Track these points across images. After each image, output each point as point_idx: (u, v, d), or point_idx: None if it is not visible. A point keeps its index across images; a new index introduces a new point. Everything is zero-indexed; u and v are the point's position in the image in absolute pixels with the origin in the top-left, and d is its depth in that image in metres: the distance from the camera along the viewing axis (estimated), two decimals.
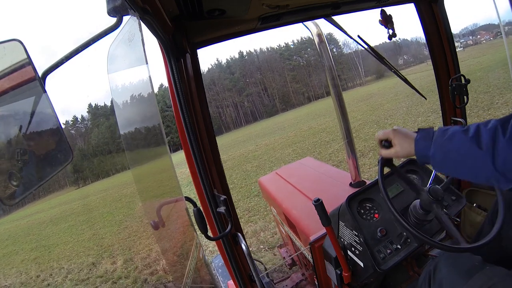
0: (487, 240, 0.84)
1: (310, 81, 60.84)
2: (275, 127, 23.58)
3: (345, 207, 1.12)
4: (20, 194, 0.48)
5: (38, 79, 0.52)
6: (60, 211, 17.66)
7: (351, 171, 1.85)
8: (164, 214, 0.80)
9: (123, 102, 0.87)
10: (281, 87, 60.06)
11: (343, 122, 1.78)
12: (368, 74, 58.49)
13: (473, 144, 0.65)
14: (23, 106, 0.52)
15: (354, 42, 1.34)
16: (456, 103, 1.41)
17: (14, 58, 0.51)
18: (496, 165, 0.62)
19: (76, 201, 19.62)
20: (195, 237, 1.11)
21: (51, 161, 0.55)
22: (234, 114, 57.72)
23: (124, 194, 15.39)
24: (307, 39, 61.17)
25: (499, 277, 0.77)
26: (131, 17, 0.65)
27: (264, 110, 58.59)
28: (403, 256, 1.03)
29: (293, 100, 59.66)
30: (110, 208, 12.65)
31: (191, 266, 1.01)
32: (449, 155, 0.70)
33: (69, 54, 0.58)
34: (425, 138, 0.75)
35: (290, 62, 60.86)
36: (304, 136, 12.69)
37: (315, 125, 15.16)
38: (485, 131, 0.65)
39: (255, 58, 61.56)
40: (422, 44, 59.77)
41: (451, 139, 0.69)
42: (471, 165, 0.67)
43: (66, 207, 18.63)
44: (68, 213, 15.45)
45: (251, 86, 59.71)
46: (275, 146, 12.79)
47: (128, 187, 16.71)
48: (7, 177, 0.46)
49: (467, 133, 0.67)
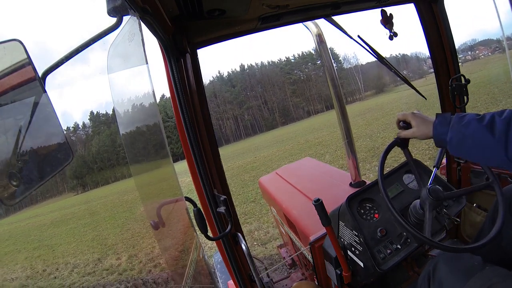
0: (487, 240, 0.84)
1: (310, 96, 61.23)
2: (274, 140, 24.50)
3: (345, 207, 1.12)
4: (20, 194, 0.48)
5: (38, 79, 0.52)
6: (60, 215, 17.68)
7: (351, 171, 1.85)
8: (164, 214, 0.80)
9: (123, 102, 0.87)
10: (281, 101, 60.51)
11: (343, 122, 1.78)
12: (368, 89, 58.98)
13: (487, 132, 0.69)
14: (23, 106, 0.52)
15: (354, 57, 1.35)
16: (456, 103, 1.41)
17: (14, 58, 0.51)
18: (508, 152, 0.66)
19: (76, 206, 19.64)
20: (195, 237, 1.11)
21: (51, 161, 0.55)
22: (234, 126, 57.90)
23: (125, 200, 15.48)
24: (308, 53, 61.73)
25: (499, 278, 0.77)
26: (131, 17, 0.65)
27: (264, 123, 58.94)
28: (403, 256, 1.03)
29: (293, 114, 60.14)
30: (111, 213, 12.74)
31: (191, 266, 1.01)
32: (465, 141, 0.74)
33: (69, 54, 0.58)
34: (442, 123, 0.80)
35: (290, 76, 61.19)
36: (300, 149, 13.54)
37: (312, 139, 15.99)
38: (499, 121, 0.69)
39: (256, 71, 61.91)
40: (422, 59, 60.30)
41: (467, 126, 0.73)
42: (484, 151, 0.72)
43: (66, 211, 18.66)
44: (69, 217, 15.49)
45: (251, 99, 60.13)
46: (273, 158, 13.45)
47: (129, 194, 16.84)
48: (7, 177, 0.46)
49: (482, 121, 0.71)
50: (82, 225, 11.90)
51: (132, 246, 6.74)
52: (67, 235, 10.86)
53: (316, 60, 61.18)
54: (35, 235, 12.62)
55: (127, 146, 0.85)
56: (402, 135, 0.95)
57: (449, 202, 1.13)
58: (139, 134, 0.88)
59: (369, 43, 1.34)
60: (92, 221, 12.04)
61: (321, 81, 59.95)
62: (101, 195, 25.17)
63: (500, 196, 0.91)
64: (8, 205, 0.46)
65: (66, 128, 54.23)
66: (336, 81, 1.75)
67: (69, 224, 13.07)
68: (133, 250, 6.40)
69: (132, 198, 14.88)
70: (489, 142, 0.69)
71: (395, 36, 1.30)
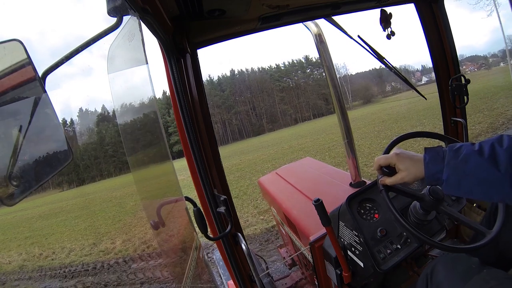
0: (486, 241, 0.83)
1: (298, 103, 61.48)
2: (260, 145, 25.77)
3: (345, 207, 1.12)
4: (20, 194, 0.48)
5: (38, 79, 0.52)
6: (48, 209, 17.72)
7: (351, 171, 1.85)
8: (164, 214, 0.80)
9: (123, 102, 0.87)
10: (269, 107, 60.65)
11: (343, 122, 1.77)
12: (356, 99, 59.31)
13: (491, 167, 0.63)
14: (23, 106, 0.52)
15: (343, 67, 1.36)
16: (456, 103, 1.41)
17: (14, 58, 0.51)
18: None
19: (64, 202, 19.77)
20: (195, 237, 1.11)
21: (51, 161, 0.55)
22: (221, 131, 57.82)
23: (114, 196, 15.74)
24: (298, 61, 62.13)
25: (497, 280, 0.77)
26: (131, 17, 0.65)
27: (251, 129, 59.02)
28: (403, 256, 1.03)
29: (280, 120, 60.34)
30: (101, 207, 13.01)
31: (191, 266, 1.01)
32: (465, 178, 0.66)
33: (69, 54, 0.58)
34: (435, 160, 0.71)
35: (279, 83, 61.38)
36: (283, 154, 14.74)
37: (295, 145, 17.32)
38: (502, 152, 0.63)
39: (246, 77, 62.03)
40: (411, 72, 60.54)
41: (466, 161, 0.66)
42: (487, 187, 0.65)
43: (54, 206, 18.77)
44: (58, 211, 15.62)
45: (240, 105, 60.21)
46: (257, 161, 14.46)
47: (118, 191, 17.26)
48: (7, 177, 0.46)
49: (482, 154, 0.64)
50: (72, 218, 12.14)
51: (125, 233, 7.14)
52: (58, 226, 11.04)
53: (306, 69, 61.59)
54: (24, 227, 12.68)
55: (127, 145, 0.85)
56: (387, 182, 0.84)
57: (449, 202, 1.13)
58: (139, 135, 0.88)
59: (369, 43, 1.34)
60: (82, 214, 12.30)
61: (310, 90, 60.66)
62: (88, 191, 25.60)
63: None
64: (8, 205, 0.46)
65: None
66: (336, 81, 1.75)
67: (59, 217, 13.26)
68: (126, 236, 6.82)
69: (121, 194, 15.32)
70: (494, 178, 0.62)
71: (393, 35, 1.30)
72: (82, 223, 10.33)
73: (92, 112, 55.15)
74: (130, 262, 5.10)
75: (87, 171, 46.44)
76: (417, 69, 63.17)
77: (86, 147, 47.73)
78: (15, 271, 6.32)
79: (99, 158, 47.13)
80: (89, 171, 46.62)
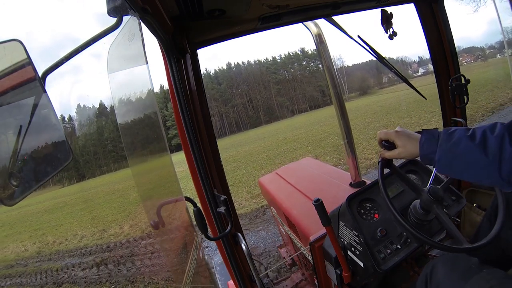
0: (487, 241, 0.83)
1: (294, 95, 61.64)
2: (256, 137, 26.59)
3: (345, 207, 1.12)
4: (20, 194, 0.48)
5: (38, 79, 0.52)
6: (52, 204, 18.03)
7: (351, 171, 1.85)
8: (164, 214, 0.80)
9: (123, 102, 0.87)
10: (266, 99, 60.79)
11: (343, 122, 1.78)
12: (352, 91, 59.25)
13: (480, 152, 0.65)
14: (23, 106, 0.52)
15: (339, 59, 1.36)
16: (456, 103, 1.41)
17: (14, 58, 0.51)
18: (502, 173, 0.63)
19: (66, 196, 20.12)
20: (195, 237, 1.11)
21: (51, 161, 0.55)
22: (219, 123, 57.97)
23: (116, 189, 16.09)
24: (294, 54, 62.14)
25: (497, 280, 0.77)
26: (131, 17, 0.65)
27: (248, 121, 59.13)
28: (403, 256, 1.03)
29: (277, 112, 60.47)
30: (105, 200, 13.33)
31: (191, 266, 1.01)
32: (455, 160, 0.70)
33: (69, 54, 0.58)
34: (430, 141, 0.75)
35: (276, 76, 61.50)
36: (278, 145, 15.39)
37: (290, 136, 18.00)
38: (492, 139, 0.65)
39: (242, 70, 62.10)
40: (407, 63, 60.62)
41: (457, 144, 0.69)
42: (476, 171, 0.68)
43: (57, 200, 19.09)
44: (62, 205, 15.94)
45: (236, 97, 60.30)
46: (253, 152, 15.22)
47: (119, 184, 17.58)
48: (7, 177, 0.46)
49: (473, 139, 0.67)
50: (78, 210, 12.56)
51: (131, 219, 7.76)
52: (65, 218, 11.49)
53: (302, 61, 61.57)
54: (31, 221, 13.00)
55: (127, 146, 0.85)
56: (386, 156, 0.89)
57: (449, 202, 1.13)
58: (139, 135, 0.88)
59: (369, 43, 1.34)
60: (87, 206, 12.74)
61: (306, 82, 60.69)
62: (89, 186, 26.02)
63: (500, 196, 0.91)
64: (8, 205, 0.46)
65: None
66: (336, 81, 1.75)
67: (64, 210, 13.63)
68: (132, 221, 7.43)
69: (123, 187, 15.66)
70: (482, 162, 0.65)
71: (395, 36, 1.30)
72: (89, 214, 10.75)
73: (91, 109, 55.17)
74: (139, 240, 5.80)
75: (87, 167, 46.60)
76: (414, 60, 63.02)
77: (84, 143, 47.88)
78: (33, 256, 7.04)
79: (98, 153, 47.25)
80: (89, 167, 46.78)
